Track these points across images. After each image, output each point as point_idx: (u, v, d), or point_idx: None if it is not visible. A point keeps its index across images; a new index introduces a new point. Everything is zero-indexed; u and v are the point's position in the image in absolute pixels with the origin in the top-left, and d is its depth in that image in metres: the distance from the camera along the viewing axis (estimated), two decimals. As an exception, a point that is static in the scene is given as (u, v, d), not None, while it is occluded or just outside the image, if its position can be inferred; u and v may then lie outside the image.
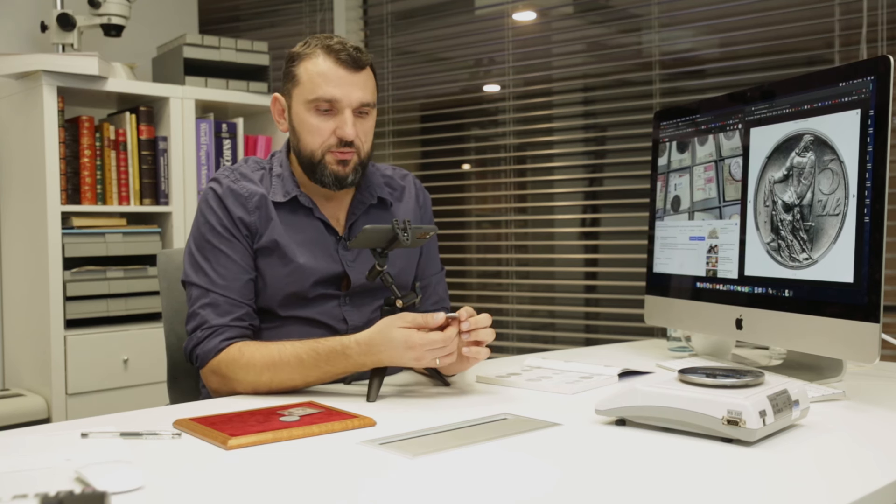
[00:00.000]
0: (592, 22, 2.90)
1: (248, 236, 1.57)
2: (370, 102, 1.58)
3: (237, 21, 3.62)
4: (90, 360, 2.69)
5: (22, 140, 2.75)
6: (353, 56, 1.55)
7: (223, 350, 1.49)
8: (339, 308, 1.61)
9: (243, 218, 1.57)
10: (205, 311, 1.53)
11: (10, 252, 2.85)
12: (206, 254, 1.56)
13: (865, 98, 1.37)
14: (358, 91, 1.55)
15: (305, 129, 1.57)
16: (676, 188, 1.82)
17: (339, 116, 1.55)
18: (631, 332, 2.72)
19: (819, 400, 1.34)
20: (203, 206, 1.60)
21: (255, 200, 1.58)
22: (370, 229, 1.43)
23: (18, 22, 3.01)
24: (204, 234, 1.58)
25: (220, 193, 1.58)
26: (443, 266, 1.82)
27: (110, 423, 1.25)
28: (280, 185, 1.61)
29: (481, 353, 1.42)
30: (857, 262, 1.36)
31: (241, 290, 1.55)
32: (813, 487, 0.96)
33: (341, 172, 1.57)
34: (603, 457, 1.09)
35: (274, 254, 1.57)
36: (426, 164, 3.37)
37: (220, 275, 1.55)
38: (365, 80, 1.57)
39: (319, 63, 1.55)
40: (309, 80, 1.56)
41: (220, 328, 1.51)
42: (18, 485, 0.94)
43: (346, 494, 0.94)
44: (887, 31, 2.25)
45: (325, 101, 1.55)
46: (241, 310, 1.54)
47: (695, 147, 1.77)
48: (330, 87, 1.54)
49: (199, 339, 1.52)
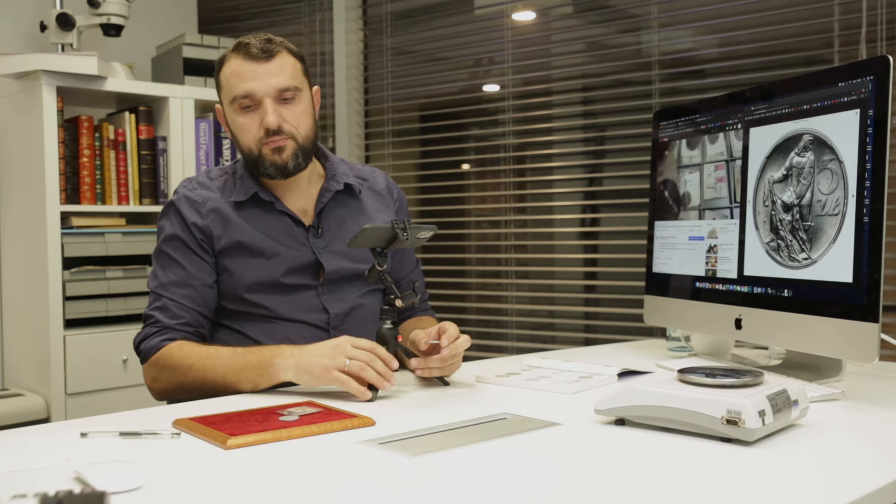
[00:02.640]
0: (592, 22, 2.90)
1: (204, 240, 1.63)
2: (290, 86, 1.61)
3: (237, 21, 3.62)
4: (89, 359, 2.68)
5: (21, 140, 2.75)
6: (260, 47, 1.60)
7: (163, 348, 1.56)
8: (317, 298, 1.64)
9: (197, 223, 1.63)
10: (155, 313, 1.61)
11: (10, 252, 2.85)
12: (161, 261, 1.65)
13: (865, 98, 1.37)
14: (272, 78, 1.59)
15: (237, 128, 1.64)
16: (687, 184, 1.81)
17: (261, 108, 1.60)
18: (630, 332, 2.72)
19: (818, 400, 1.34)
20: (161, 218, 1.68)
21: (209, 205, 1.64)
22: (370, 228, 1.43)
23: (18, 22, 3.01)
24: (159, 244, 1.66)
25: (177, 203, 1.66)
26: (418, 261, 1.88)
27: (110, 423, 1.25)
28: (241, 185, 1.67)
29: (447, 371, 1.51)
30: (857, 262, 1.36)
31: (191, 296, 1.62)
32: (812, 487, 0.96)
33: (279, 161, 1.62)
34: (602, 456, 1.09)
35: (241, 252, 1.62)
36: (425, 164, 3.37)
37: (172, 282, 1.62)
38: (279, 66, 1.61)
39: (232, 63, 1.62)
40: (227, 83, 1.63)
41: (165, 329, 1.59)
42: (18, 484, 0.94)
43: (346, 494, 0.94)
44: (886, 31, 2.25)
45: (243, 97, 1.60)
46: (189, 315, 1.61)
47: (705, 145, 1.75)
48: (243, 83, 1.60)
49: (145, 335, 1.60)
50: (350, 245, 1.47)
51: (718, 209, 1.70)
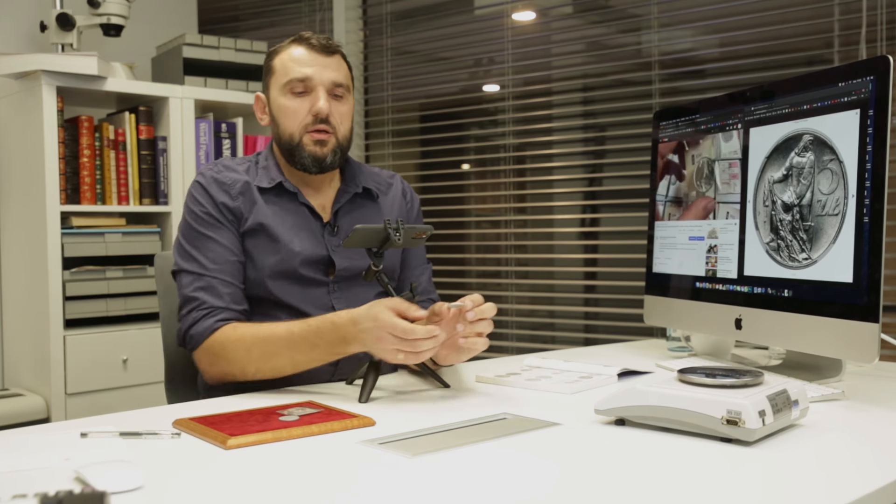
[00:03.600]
0: (592, 22, 2.90)
1: (233, 221, 1.61)
2: (344, 84, 1.63)
3: (237, 21, 3.62)
4: (89, 359, 2.69)
5: (21, 140, 2.75)
6: (322, 42, 1.63)
7: (217, 329, 1.51)
8: (328, 296, 1.63)
9: (227, 203, 1.60)
10: (199, 294, 1.54)
11: (10, 252, 2.85)
12: (196, 242, 1.59)
13: (865, 98, 1.37)
14: (330, 71, 1.62)
15: (282, 112, 1.63)
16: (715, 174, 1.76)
17: (313, 94, 1.60)
18: (630, 332, 2.72)
19: (818, 400, 1.34)
20: (188, 199, 1.64)
21: (239, 186, 1.62)
22: (362, 229, 1.42)
23: (18, 22, 3.01)
24: (191, 223, 1.61)
25: (204, 184, 1.63)
26: (429, 261, 1.84)
27: (110, 423, 1.25)
28: (265, 173, 1.66)
29: (479, 343, 1.40)
30: (857, 262, 1.36)
31: (233, 273, 1.58)
32: (812, 487, 0.96)
33: (319, 153, 1.61)
34: (602, 456, 1.09)
35: (260, 235, 1.60)
36: (425, 164, 3.37)
37: (211, 259, 1.57)
38: (337, 63, 1.64)
39: (291, 50, 1.63)
40: (282, 67, 1.63)
41: (215, 309, 1.53)
42: (18, 484, 0.94)
43: (346, 494, 0.94)
44: (887, 31, 2.25)
45: (299, 80, 1.60)
46: (236, 292, 1.57)
47: (718, 142, 1.74)
48: (302, 68, 1.60)
49: (194, 320, 1.53)
50: (344, 245, 1.47)
51: (730, 203, 1.69)
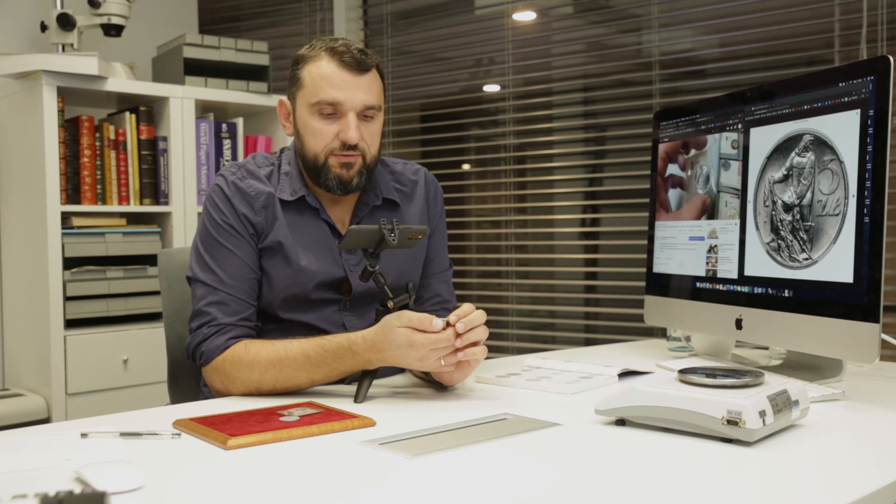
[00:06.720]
0: (592, 22, 2.90)
1: (253, 235, 1.56)
2: (375, 105, 1.55)
3: (237, 21, 3.62)
4: (90, 359, 2.69)
5: (22, 140, 2.75)
6: (357, 58, 1.53)
7: (228, 348, 1.48)
8: (338, 314, 1.60)
9: (249, 217, 1.56)
10: (212, 309, 1.51)
11: (10, 252, 2.85)
12: (214, 252, 1.55)
13: (865, 98, 1.37)
14: (362, 94, 1.53)
15: (309, 132, 1.56)
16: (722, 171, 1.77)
17: (342, 120, 1.53)
18: (631, 332, 2.72)
19: (819, 400, 1.34)
20: (209, 204, 1.58)
21: (262, 200, 1.57)
22: (355, 230, 1.41)
23: (18, 22, 3.01)
24: (211, 231, 1.56)
25: (227, 192, 1.57)
26: (451, 264, 1.79)
27: (110, 423, 1.25)
28: (288, 182, 1.60)
29: (477, 353, 1.38)
30: (857, 262, 1.36)
31: (247, 290, 1.55)
32: (812, 487, 0.96)
33: (345, 176, 1.55)
34: (602, 457, 1.09)
35: (278, 255, 1.56)
36: (426, 164, 3.35)
37: (228, 273, 1.53)
38: (370, 82, 1.55)
39: (323, 66, 1.53)
40: (312, 84, 1.54)
41: (226, 326, 1.50)
42: (18, 485, 0.94)
43: (346, 494, 0.94)
44: (887, 31, 2.25)
45: (328, 104, 1.52)
46: (248, 310, 1.54)
47: (719, 142, 1.73)
48: (333, 90, 1.52)
49: (204, 336, 1.50)
50: (339, 247, 1.45)
51: (730, 203, 1.69)
